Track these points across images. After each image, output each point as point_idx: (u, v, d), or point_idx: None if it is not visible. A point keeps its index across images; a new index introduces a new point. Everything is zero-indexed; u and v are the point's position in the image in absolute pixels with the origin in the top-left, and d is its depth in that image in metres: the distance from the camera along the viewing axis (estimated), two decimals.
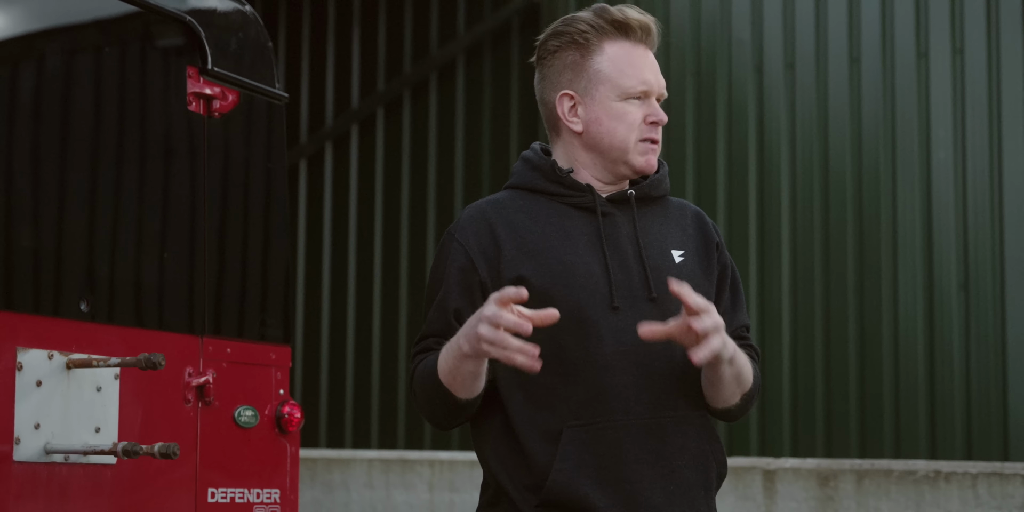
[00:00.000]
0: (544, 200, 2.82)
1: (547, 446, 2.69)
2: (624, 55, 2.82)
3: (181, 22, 3.63)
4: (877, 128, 8.30)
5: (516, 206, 2.81)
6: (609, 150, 2.81)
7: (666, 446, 2.72)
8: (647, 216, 2.85)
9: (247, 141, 3.86)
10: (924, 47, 8.19)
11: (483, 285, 2.75)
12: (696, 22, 8.93)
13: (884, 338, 8.13)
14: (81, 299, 3.31)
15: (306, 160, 11.48)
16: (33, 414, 3.14)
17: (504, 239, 2.76)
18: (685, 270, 2.79)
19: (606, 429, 2.69)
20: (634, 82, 2.81)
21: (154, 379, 3.43)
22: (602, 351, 2.71)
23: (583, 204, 2.80)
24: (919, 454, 7.89)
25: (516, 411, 2.72)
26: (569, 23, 2.85)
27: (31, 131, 3.27)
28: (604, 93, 2.81)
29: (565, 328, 2.68)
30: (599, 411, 2.69)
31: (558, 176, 2.81)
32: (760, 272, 8.54)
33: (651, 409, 2.72)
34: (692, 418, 2.76)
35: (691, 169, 8.86)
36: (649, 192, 2.87)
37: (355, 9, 11.34)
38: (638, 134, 2.81)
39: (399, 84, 10.89)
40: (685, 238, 2.86)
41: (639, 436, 2.71)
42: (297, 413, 3.82)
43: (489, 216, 2.80)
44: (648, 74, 2.83)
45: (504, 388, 2.75)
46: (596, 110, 2.81)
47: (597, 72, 2.81)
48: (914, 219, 8.13)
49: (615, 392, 2.70)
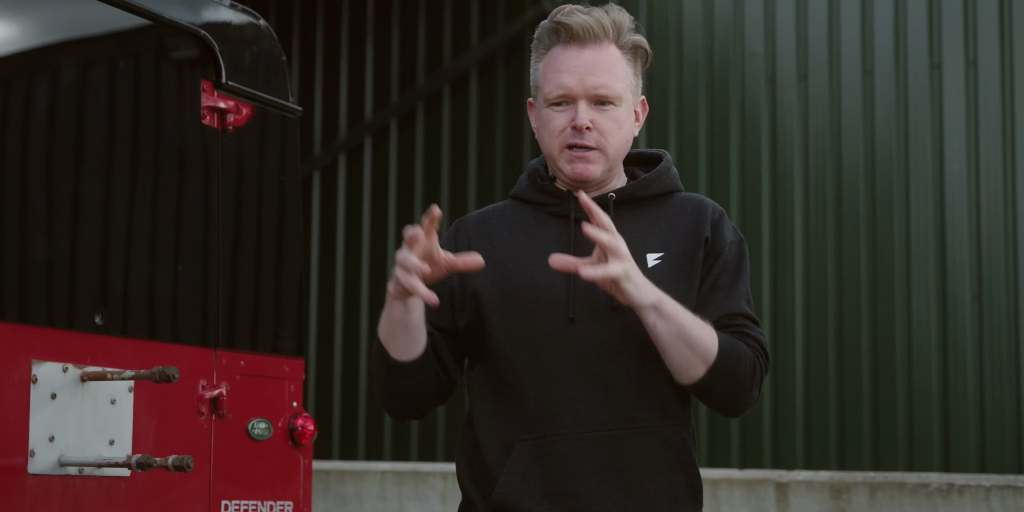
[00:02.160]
0: (530, 210, 2.78)
1: (502, 458, 2.67)
2: (553, 60, 2.71)
3: (195, 36, 3.65)
4: (890, 140, 8.30)
5: (502, 216, 2.79)
6: (548, 158, 2.75)
7: (622, 458, 2.65)
8: (631, 219, 2.74)
9: (261, 154, 3.87)
10: (937, 59, 8.19)
11: (452, 293, 2.72)
12: (709, 34, 8.93)
13: (897, 350, 8.12)
14: (96, 312, 3.32)
15: (320, 172, 11.50)
16: (48, 427, 3.15)
17: (476, 248, 2.72)
18: (654, 276, 2.65)
19: (555, 442, 2.64)
20: (551, 87, 2.69)
21: (168, 392, 3.44)
22: (553, 363, 2.65)
23: (560, 212, 2.75)
24: (932, 467, 7.88)
25: (480, 423, 2.71)
26: (536, 31, 2.78)
27: (46, 144, 3.28)
28: (539, 101, 2.75)
29: (519, 340, 2.66)
30: (549, 424, 2.64)
31: (541, 184, 2.77)
32: (773, 283, 8.53)
33: (606, 421, 2.64)
34: (656, 429, 2.67)
35: (704, 180, 8.86)
36: (635, 193, 2.75)
37: (368, 22, 11.36)
38: (561, 141, 2.69)
39: (412, 96, 10.91)
40: (672, 239, 2.73)
41: (590, 449, 2.64)
42: (310, 426, 3.82)
43: (471, 227, 2.79)
44: (566, 77, 2.68)
45: (473, 399, 2.74)
46: (535, 118, 2.77)
47: (535, 80, 2.76)
48: (927, 231, 8.12)
49: (566, 405, 2.64)
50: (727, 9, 8.89)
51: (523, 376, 2.66)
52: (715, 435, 8.60)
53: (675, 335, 2.56)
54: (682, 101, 9.02)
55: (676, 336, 2.56)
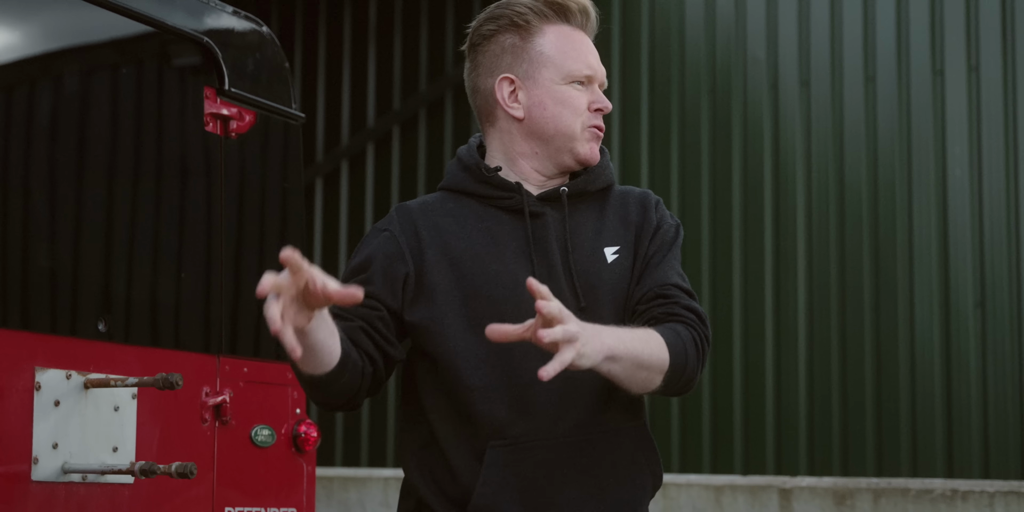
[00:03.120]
0: (475, 203, 2.66)
1: (472, 463, 2.56)
2: (566, 38, 2.67)
3: (198, 43, 3.65)
4: (893, 146, 8.30)
5: (445, 209, 2.67)
6: (554, 137, 2.66)
7: (596, 463, 2.58)
8: (583, 212, 2.67)
9: (264, 161, 3.87)
10: (940, 64, 8.19)
11: (407, 279, 2.61)
12: (711, 40, 8.94)
13: (900, 356, 8.11)
14: (99, 319, 3.32)
15: (322, 178, 11.51)
16: (51, 434, 3.15)
17: (428, 243, 2.62)
18: (617, 270, 2.61)
19: (530, 449, 2.55)
20: (579, 65, 2.66)
21: (171, 399, 3.44)
22: (526, 366, 2.54)
23: (512, 206, 2.64)
24: (936, 472, 7.87)
25: (440, 424, 2.60)
26: (505, 6, 2.70)
27: (50, 151, 3.28)
28: (548, 76, 2.65)
29: (487, 342, 2.47)
30: (523, 429, 2.55)
31: (485, 176, 2.66)
32: (776, 289, 8.53)
33: (579, 425, 2.57)
34: (624, 430, 2.61)
35: (706, 187, 8.86)
36: (586, 187, 2.68)
37: (371, 28, 11.37)
38: (584, 120, 2.66)
39: (415, 103, 10.92)
40: (624, 231, 2.67)
41: (566, 455, 2.56)
42: (314, 432, 3.82)
43: (415, 217, 2.66)
44: (592, 58, 2.68)
45: (427, 397, 2.62)
46: (539, 94, 2.65)
47: (540, 54, 2.66)
48: (930, 237, 8.12)
49: (540, 409, 2.55)
50: (729, 15, 8.89)
51: (492, 378, 2.56)
52: (718, 441, 8.59)
53: (631, 368, 2.45)
54: (684, 108, 9.02)
55: (632, 368, 2.45)
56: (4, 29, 3.26)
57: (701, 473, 8.44)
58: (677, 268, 2.66)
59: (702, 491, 7.05)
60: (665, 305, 2.59)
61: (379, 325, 2.60)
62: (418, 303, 2.61)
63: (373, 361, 2.58)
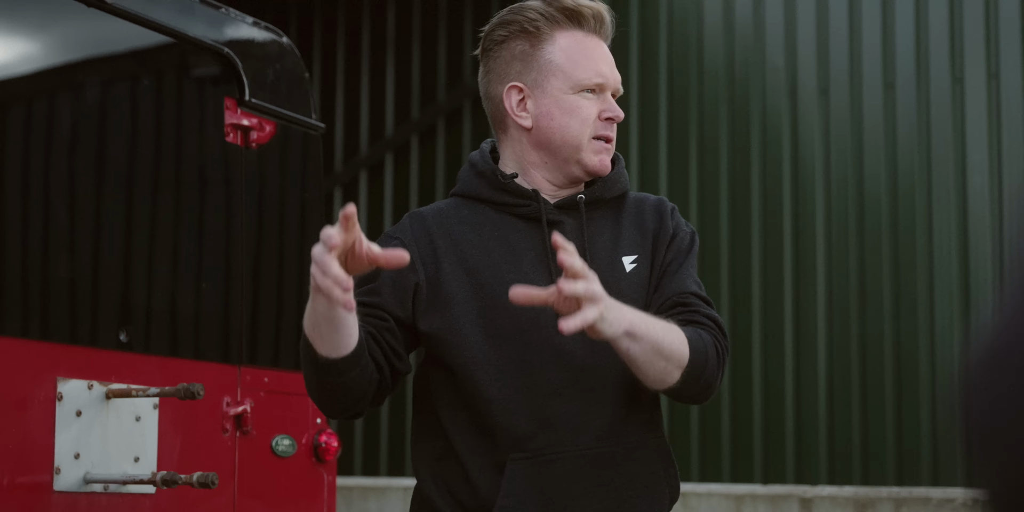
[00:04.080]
0: (490, 210, 2.61)
1: (493, 476, 2.52)
2: (577, 45, 2.60)
3: (219, 54, 3.66)
4: (912, 153, 8.28)
5: (460, 217, 2.62)
6: (560, 147, 2.59)
7: (617, 476, 2.54)
8: (600, 221, 2.63)
9: (284, 172, 3.88)
10: (959, 72, 8.18)
11: (418, 288, 2.55)
12: (729, 48, 8.93)
13: (921, 364, 8.09)
14: (120, 329, 3.33)
15: (341, 188, 11.52)
16: (73, 444, 3.16)
17: (444, 252, 2.57)
18: (635, 279, 2.57)
19: (552, 461, 2.50)
20: (589, 74, 2.59)
21: (192, 409, 3.44)
22: (546, 377, 2.51)
23: (529, 214, 2.59)
24: (958, 482, 7.84)
25: (458, 436, 2.55)
26: (517, 11, 2.63)
27: (70, 162, 3.29)
28: (556, 85, 2.59)
29: (507, 353, 2.51)
30: (544, 442, 2.50)
31: (502, 183, 2.60)
32: (795, 296, 8.51)
33: (600, 438, 2.52)
34: (644, 442, 2.57)
35: (725, 195, 8.85)
36: (602, 194, 2.63)
37: (389, 38, 11.39)
38: (592, 130, 2.59)
39: (433, 112, 10.93)
40: (642, 239, 2.63)
41: (588, 468, 2.52)
42: (334, 442, 3.82)
43: (429, 225, 2.61)
44: (603, 66, 2.61)
45: (443, 409, 2.58)
46: (547, 103, 2.59)
47: (549, 62, 2.59)
48: (950, 244, 8.10)
49: (561, 421, 2.51)
50: (747, 23, 8.89)
51: (512, 389, 2.51)
52: (738, 450, 8.57)
53: (651, 352, 2.40)
54: (703, 115, 9.01)
55: (652, 352, 2.40)
56: (27, 40, 3.27)
57: (721, 482, 8.42)
58: (694, 276, 2.63)
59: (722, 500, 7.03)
60: (685, 313, 2.55)
61: (387, 336, 2.56)
62: (433, 312, 2.56)
63: (380, 369, 2.54)
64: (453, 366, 2.55)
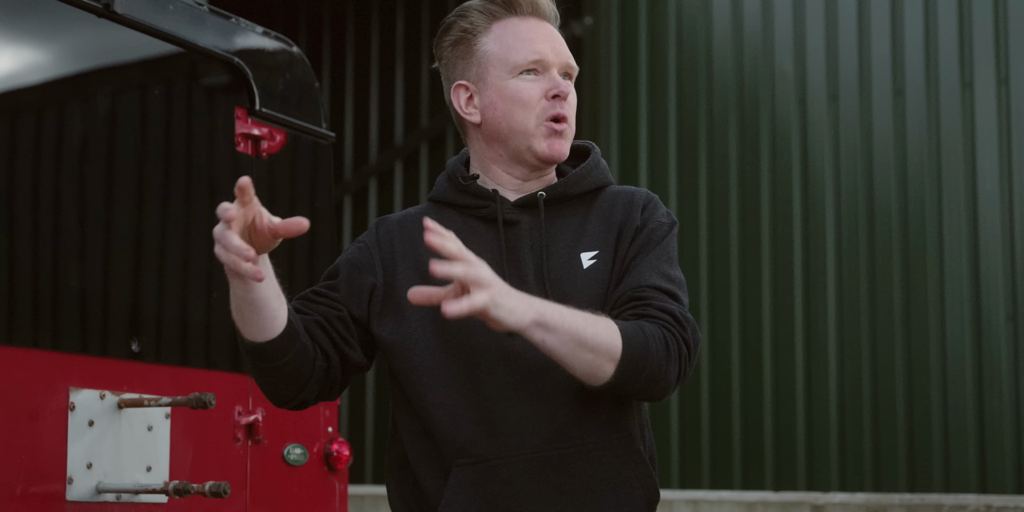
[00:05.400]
0: (455, 214, 2.57)
1: (440, 483, 2.47)
2: (511, 29, 2.55)
3: (229, 63, 3.67)
4: (922, 160, 8.27)
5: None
6: (510, 136, 2.53)
7: (571, 479, 2.43)
8: (565, 217, 2.54)
9: (294, 181, 3.89)
10: (969, 77, 8.17)
11: (374, 290, 2.53)
12: (739, 55, 8.93)
13: (932, 370, 8.08)
14: (132, 339, 3.34)
15: (351, 196, 11.53)
16: (85, 454, 3.16)
17: (402, 256, 2.55)
18: (593, 276, 2.48)
19: (497, 467, 2.43)
20: (523, 53, 2.52)
21: (204, 418, 3.45)
22: (493, 381, 2.44)
23: (488, 215, 2.54)
24: (969, 488, 7.82)
25: (411, 443, 2.52)
26: (458, 13, 2.60)
27: (80, 172, 3.30)
28: (495, 74, 2.53)
29: (455, 355, 2.46)
30: (489, 447, 2.43)
31: (463, 185, 2.56)
32: (806, 304, 8.50)
33: (550, 440, 2.43)
34: (606, 443, 2.46)
35: (735, 202, 8.85)
36: (566, 191, 2.55)
37: (398, 45, 11.40)
38: (539, 112, 2.51)
39: (442, 120, 10.94)
40: (607, 233, 2.53)
41: (536, 472, 2.43)
42: (346, 451, 3.83)
43: (392, 230, 2.59)
44: (539, 43, 2.53)
45: (400, 416, 2.56)
46: (490, 95, 2.54)
47: (485, 53, 2.55)
48: (961, 251, 8.09)
49: (508, 425, 2.43)
50: (756, 30, 8.89)
51: (459, 394, 2.46)
52: (749, 457, 8.56)
53: (570, 343, 2.30)
54: (712, 123, 9.01)
55: (572, 344, 2.30)
56: (37, 50, 3.28)
57: (732, 490, 8.41)
58: (661, 268, 2.50)
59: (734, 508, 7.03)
60: (637, 307, 2.44)
61: (337, 324, 2.53)
62: (386, 317, 2.54)
63: (327, 356, 2.51)
64: (403, 371, 2.52)
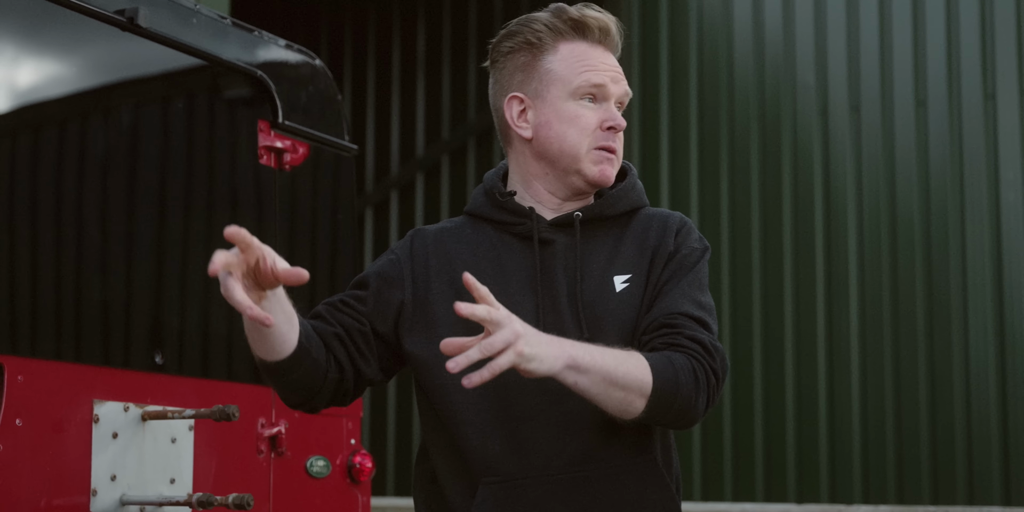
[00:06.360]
0: (491, 229, 2.59)
1: (467, 500, 2.48)
2: (578, 54, 2.57)
3: (252, 76, 3.68)
4: (944, 170, 8.25)
5: (460, 236, 2.60)
6: (559, 157, 2.55)
7: (595, 502, 2.44)
8: (600, 238, 2.56)
9: (316, 193, 3.89)
10: (991, 88, 8.15)
11: (403, 306, 2.55)
12: (760, 66, 8.93)
13: (955, 382, 8.05)
14: (155, 351, 3.34)
15: (372, 208, 11.55)
16: (109, 466, 3.17)
17: (436, 271, 2.56)
18: (625, 299, 2.49)
19: (523, 486, 2.44)
20: (587, 78, 2.55)
21: (228, 430, 3.45)
22: (522, 401, 2.46)
23: (524, 233, 2.55)
24: (993, 500, 7.79)
25: (440, 458, 2.53)
26: (523, 23, 2.61)
27: (103, 184, 3.31)
28: (555, 93, 2.55)
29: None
30: (516, 466, 2.45)
31: (499, 201, 2.58)
32: (828, 315, 8.48)
33: (575, 462, 2.45)
34: (631, 466, 2.47)
35: (757, 213, 8.84)
36: (602, 212, 2.57)
37: (419, 58, 11.42)
38: (592, 140, 2.54)
39: (464, 132, 10.95)
40: (640, 257, 2.54)
41: (562, 492, 2.44)
42: (368, 463, 3.83)
43: (428, 243, 2.60)
44: (604, 72, 2.56)
45: (429, 432, 2.58)
46: (546, 113, 2.56)
47: (548, 71, 2.56)
48: (983, 261, 8.06)
49: (534, 445, 2.45)
50: (778, 42, 8.88)
51: (488, 412, 2.48)
52: (771, 469, 8.54)
53: (602, 383, 2.32)
54: (734, 134, 9.00)
55: (603, 384, 2.32)
56: (61, 63, 3.29)
57: (755, 502, 8.38)
58: (693, 294, 2.52)
59: None
60: (668, 335, 2.46)
61: (357, 338, 2.55)
62: (416, 333, 2.55)
63: (341, 369, 2.54)
64: (433, 388, 2.53)
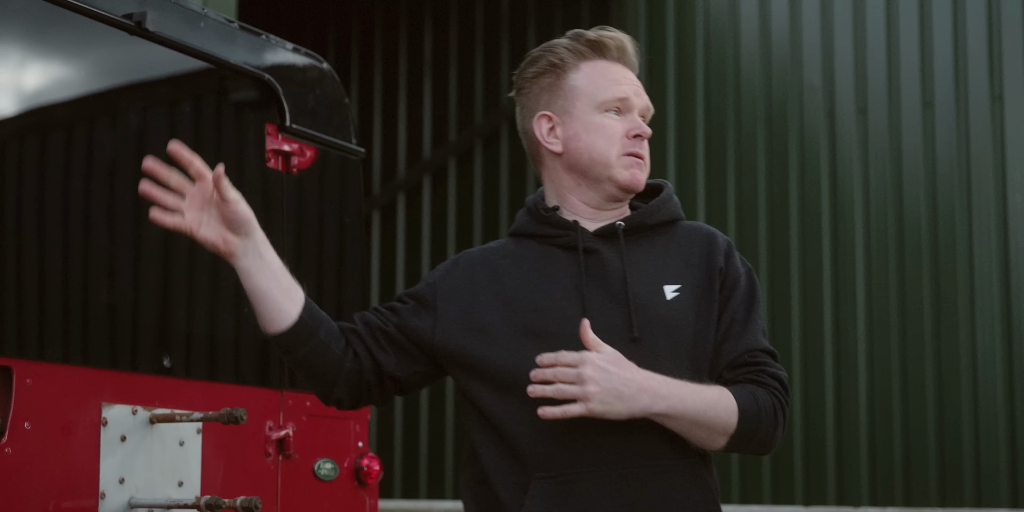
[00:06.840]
0: (535, 244, 2.71)
1: (519, 496, 2.56)
2: (600, 70, 2.72)
3: (259, 80, 3.68)
4: (951, 172, 8.25)
5: (506, 252, 2.72)
6: (590, 167, 2.69)
7: (645, 498, 2.55)
8: (641, 248, 2.68)
9: (324, 196, 3.90)
10: (998, 90, 8.14)
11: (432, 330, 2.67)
12: (767, 69, 8.93)
13: (962, 384, 8.04)
14: (163, 355, 3.35)
15: (379, 211, 11.55)
16: (118, 469, 3.17)
17: (483, 285, 2.67)
18: (677, 308, 2.61)
19: (575, 481, 2.54)
20: (611, 92, 2.70)
21: (236, 433, 3.45)
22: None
23: (568, 244, 2.67)
24: (1001, 502, 7.78)
25: (489, 459, 2.61)
26: (545, 49, 2.78)
27: (110, 188, 3.32)
28: (581, 108, 2.71)
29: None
30: (569, 462, 2.55)
31: (544, 216, 2.71)
32: (835, 317, 8.48)
33: (627, 458, 2.55)
34: (677, 467, 2.58)
35: (764, 216, 8.83)
36: (643, 221, 2.70)
37: (426, 61, 11.43)
38: (620, 148, 2.68)
39: (470, 135, 10.96)
40: (686, 270, 2.67)
41: (613, 488, 2.54)
42: (376, 465, 3.83)
43: (474, 263, 2.72)
44: (625, 86, 2.72)
45: (477, 432, 2.65)
46: (574, 126, 2.71)
47: (573, 88, 2.72)
48: (990, 263, 8.06)
49: (587, 442, 2.55)
50: (784, 44, 8.88)
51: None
52: (778, 472, 8.53)
53: (688, 425, 2.53)
54: (741, 136, 9.00)
55: (689, 425, 2.53)
56: (69, 66, 3.30)
57: (762, 504, 8.38)
58: (761, 324, 2.67)
59: None
60: (752, 373, 2.61)
61: (378, 333, 2.68)
62: (465, 337, 2.65)
63: (359, 360, 2.65)
64: (483, 389, 2.63)
